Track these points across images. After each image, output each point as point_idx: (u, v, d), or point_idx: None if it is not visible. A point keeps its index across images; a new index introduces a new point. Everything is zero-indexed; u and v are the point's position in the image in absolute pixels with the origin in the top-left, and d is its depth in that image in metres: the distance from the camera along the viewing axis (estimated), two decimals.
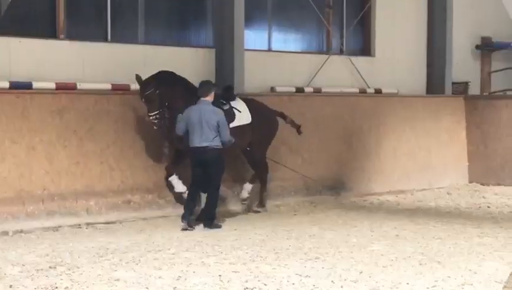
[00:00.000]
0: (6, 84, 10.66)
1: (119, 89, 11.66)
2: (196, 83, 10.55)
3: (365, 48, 15.77)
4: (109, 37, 12.30)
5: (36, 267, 7.74)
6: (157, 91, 10.37)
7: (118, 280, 7.24)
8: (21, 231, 9.65)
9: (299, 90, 14.19)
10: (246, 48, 13.41)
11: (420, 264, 7.99)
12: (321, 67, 14.56)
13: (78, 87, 11.23)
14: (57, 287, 6.95)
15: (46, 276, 7.36)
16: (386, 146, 14.28)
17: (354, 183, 13.61)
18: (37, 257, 8.24)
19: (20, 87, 10.66)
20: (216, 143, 9.96)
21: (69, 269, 7.64)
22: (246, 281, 7.22)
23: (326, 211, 11.85)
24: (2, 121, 10.00)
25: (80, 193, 10.47)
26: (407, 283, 7.19)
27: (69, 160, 10.47)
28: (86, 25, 12.20)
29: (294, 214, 11.59)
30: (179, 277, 7.37)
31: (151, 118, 10.40)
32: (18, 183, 10.00)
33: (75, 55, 11.55)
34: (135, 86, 11.93)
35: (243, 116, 11.06)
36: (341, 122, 13.72)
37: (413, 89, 16.03)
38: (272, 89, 13.87)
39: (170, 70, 10.95)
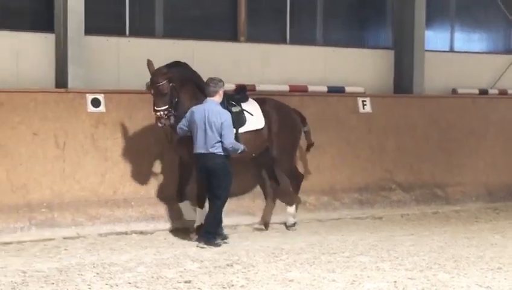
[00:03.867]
0: None
1: (298, 91, 11.76)
2: (376, 85, 10.33)
3: None
4: (288, 39, 12.44)
5: (214, 264, 7.94)
6: (171, 84, 8.99)
7: (291, 280, 7.26)
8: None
9: (483, 92, 13.60)
10: (426, 48, 13.07)
11: None
12: (507, 68, 13.88)
13: (257, 88, 11.43)
14: (233, 285, 7.08)
15: (223, 273, 7.53)
16: None
17: None
18: (215, 254, 8.46)
19: None
20: (221, 149, 8.77)
21: (245, 268, 7.77)
22: (423, 289, 6.99)
23: (511, 219, 11.24)
24: None
25: (257, 193, 10.62)
26: None
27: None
28: (266, 26, 12.42)
29: (475, 221, 11.10)
30: (353, 281, 7.27)
31: (158, 113, 8.94)
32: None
33: (254, 57, 11.78)
34: (313, 88, 12.03)
35: (254, 120, 9.61)
36: None
37: None
38: (454, 90, 13.41)
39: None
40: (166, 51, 11.16)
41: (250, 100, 9.75)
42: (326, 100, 11.59)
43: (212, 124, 8.71)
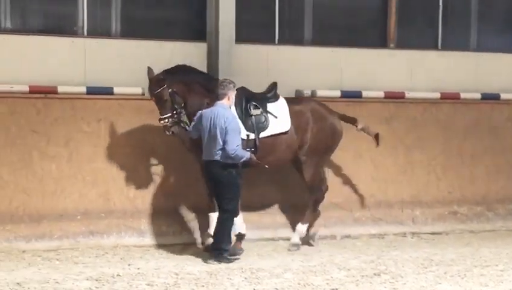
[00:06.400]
0: (338, 93, 11.03)
1: (449, 98, 11.43)
2: None
3: None
4: (439, 45, 12.12)
5: (361, 273, 7.85)
6: (170, 90, 8.62)
7: None
8: (348, 236, 9.89)
9: None
10: None
11: None
12: None
13: (407, 96, 11.22)
14: None
15: (370, 283, 7.42)
16: None
17: None
18: (362, 262, 8.37)
19: (351, 96, 10.94)
20: (225, 157, 8.19)
21: (393, 278, 7.62)
22: None
23: None
24: None
25: (406, 202, 10.44)
26: None
27: (396, 168, 10.50)
28: (416, 33, 12.16)
29: None
30: None
31: (161, 122, 8.63)
32: (347, 190, 10.25)
33: (404, 64, 11.57)
34: (465, 95, 11.66)
35: (278, 123, 8.94)
36: None
37: None
38: None
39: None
40: (315, 58, 11.20)
41: (281, 100, 9.14)
42: (480, 107, 11.24)
43: (217, 129, 8.16)
